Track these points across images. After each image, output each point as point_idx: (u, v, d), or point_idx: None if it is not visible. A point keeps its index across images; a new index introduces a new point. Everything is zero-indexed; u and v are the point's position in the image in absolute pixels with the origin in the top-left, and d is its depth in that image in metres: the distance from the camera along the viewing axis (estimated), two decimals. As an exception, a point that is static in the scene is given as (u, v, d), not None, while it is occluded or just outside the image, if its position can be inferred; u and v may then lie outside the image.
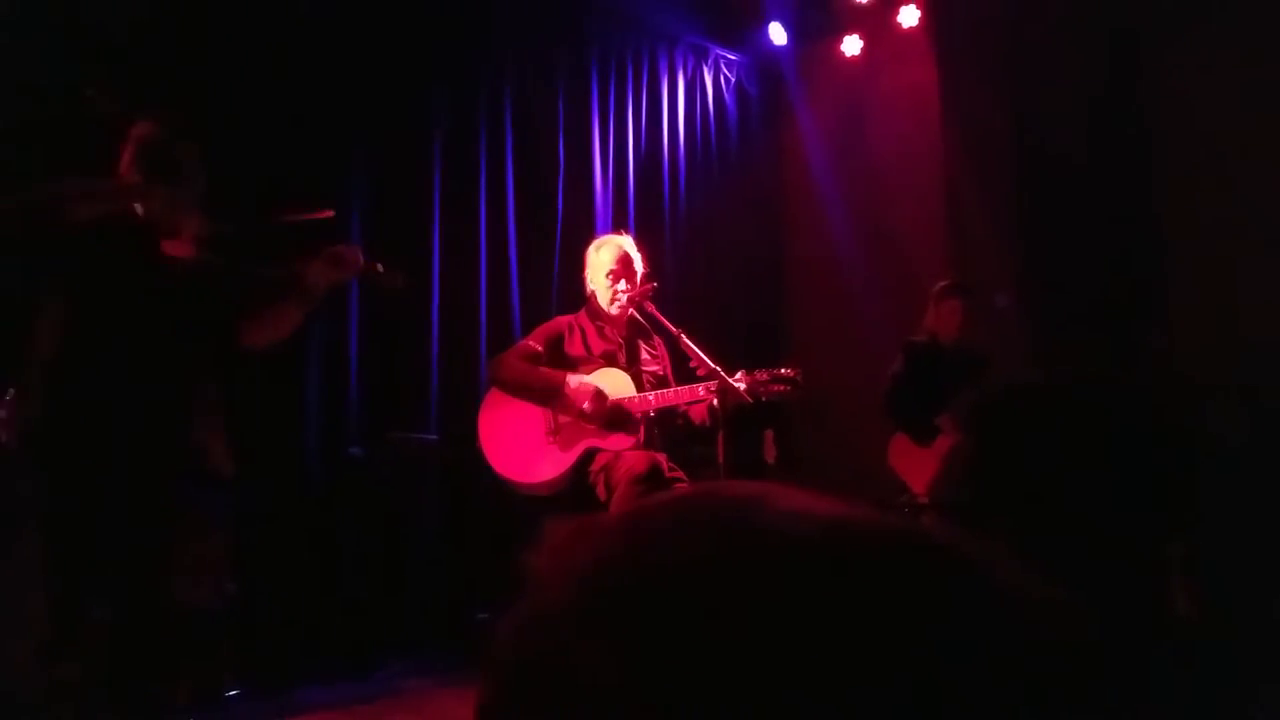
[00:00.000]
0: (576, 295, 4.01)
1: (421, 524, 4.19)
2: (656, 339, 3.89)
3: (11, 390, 2.47)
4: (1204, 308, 4.42)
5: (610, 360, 3.71)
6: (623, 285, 3.70)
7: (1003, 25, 5.02)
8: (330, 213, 2.78)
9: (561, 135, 4.96)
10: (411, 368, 4.31)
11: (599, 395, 3.53)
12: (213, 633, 3.33)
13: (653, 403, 3.61)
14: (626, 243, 3.79)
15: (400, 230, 4.33)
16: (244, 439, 3.68)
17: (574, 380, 3.55)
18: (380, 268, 2.70)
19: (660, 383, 3.76)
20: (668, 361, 3.89)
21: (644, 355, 3.80)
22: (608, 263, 3.72)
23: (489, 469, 3.63)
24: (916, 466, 4.26)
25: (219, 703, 3.36)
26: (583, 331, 3.76)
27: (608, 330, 3.76)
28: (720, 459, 3.41)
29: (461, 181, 4.56)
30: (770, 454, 4.71)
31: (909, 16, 5.44)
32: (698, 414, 3.65)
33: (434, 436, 4.22)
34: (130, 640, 2.40)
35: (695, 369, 3.54)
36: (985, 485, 0.97)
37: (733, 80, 5.90)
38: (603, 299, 3.74)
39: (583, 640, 0.37)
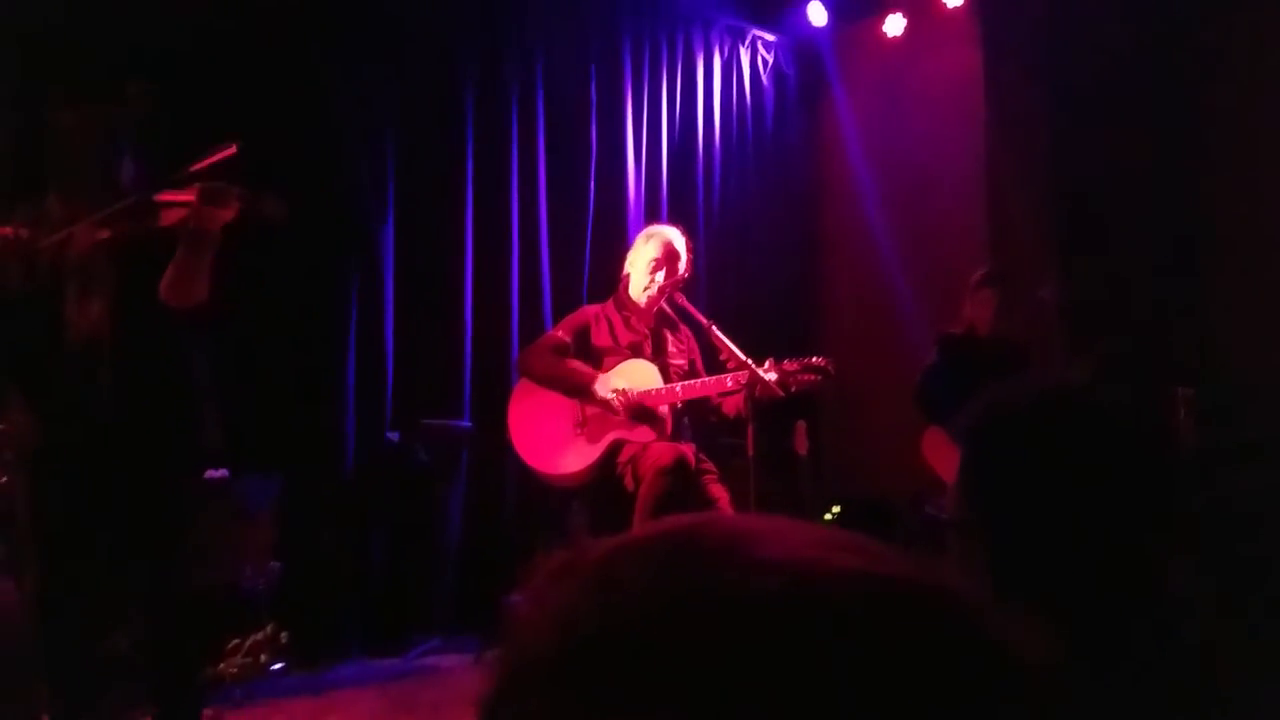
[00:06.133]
0: (608, 283, 4.24)
1: (453, 508, 4.49)
2: (684, 330, 4.07)
3: None
4: (1249, 301, 4.54)
5: (636, 351, 3.90)
6: (661, 276, 3.91)
7: (1049, 5, 5.13)
8: (233, 148, 2.67)
9: (594, 121, 5.15)
10: (445, 354, 4.58)
11: (625, 394, 3.74)
12: (258, 611, 3.64)
13: (680, 394, 3.81)
14: (678, 238, 3.97)
15: (433, 218, 4.60)
16: (287, 425, 4.03)
17: (601, 381, 3.77)
18: (264, 198, 2.67)
19: (687, 374, 3.95)
20: (696, 353, 4.09)
21: (670, 347, 3.98)
22: (653, 252, 3.91)
23: (518, 459, 3.91)
24: (949, 460, 4.43)
25: (263, 677, 3.66)
26: (609, 322, 3.96)
27: (634, 320, 3.95)
28: (750, 451, 3.63)
29: (493, 168, 4.79)
30: (802, 446, 4.87)
31: (953, -5, 5.56)
32: (732, 406, 3.81)
33: (467, 423, 4.50)
34: (167, 621, 2.67)
35: (725, 361, 3.75)
36: (976, 503, 1.05)
37: (770, 62, 6.05)
38: (636, 285, 3.93)
39: (559, 690, 0.40)
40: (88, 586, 2.63)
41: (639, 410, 3.78)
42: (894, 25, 5.86)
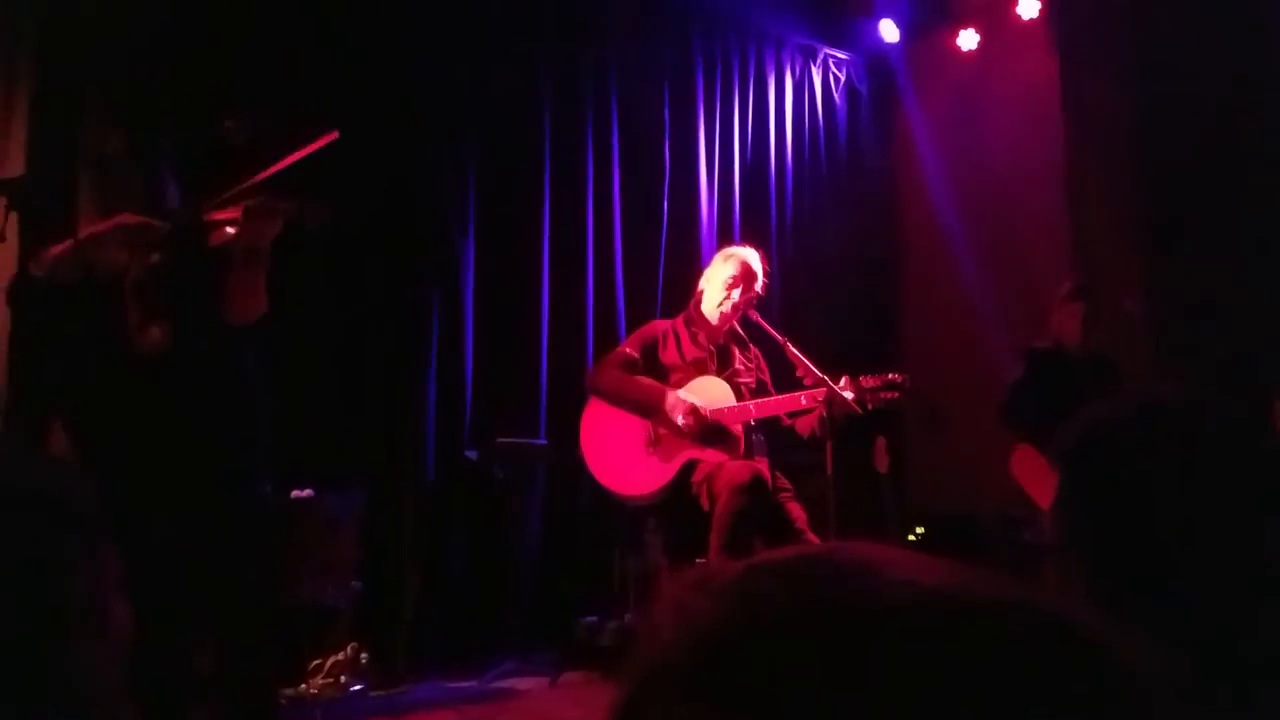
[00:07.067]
0: (681, 301, 4.24)
1: (530, 526, 4.50)
2: (753, 349, 4.05)
3: None
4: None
5: (700, 368, 3.89)
6: (736, 294, 3.89)
7: (1128, 13, 5.04)
8: (334, 133, 2.65)
9: (667, 141, 5.22)
10: (521, 371, 4.63)
11: (696, 411, 3.73)
12: (339, 630, 3.67)
13: (753, 412, 3.79)
14: (755, 260, 3.97)
15: (511, 237, 4.68)
16: (369, 440, 4.11)
17: (671, 396, 3.76)
18: (309, 205, 2.61)
19: (756, 392, 3.92)
20: (765, 371, 4.05)
21: (737, 364, 3.96)
22: (731, 270, 3.91)
23: (592, 477, 3.90)
24: (1041, 479, 4.29)
25: (342, 698, 3.68)
26: (677, 337, 3.96)
27: (701, 337, 3.94)
28: (829, 469, 3.56)
29: (569, 187, 4.88)
30: (882, 463, 4.79)
31: (1028, 8, 5.50)
32: (805, 427, 3.78)
33: (543, 441, 4.52)
34: (245, 644, 2.66)
35: (802, 378, 3.70)
36: (1079, 526, 1.02)
37: (842, 80, 6.03)
38: (710, 302, 3.92)
39: (691, 701, 0.40)
40: (173, 611, 2.63)
41: (711, 429, 3.75)
42: (967, 39, 5.82)
